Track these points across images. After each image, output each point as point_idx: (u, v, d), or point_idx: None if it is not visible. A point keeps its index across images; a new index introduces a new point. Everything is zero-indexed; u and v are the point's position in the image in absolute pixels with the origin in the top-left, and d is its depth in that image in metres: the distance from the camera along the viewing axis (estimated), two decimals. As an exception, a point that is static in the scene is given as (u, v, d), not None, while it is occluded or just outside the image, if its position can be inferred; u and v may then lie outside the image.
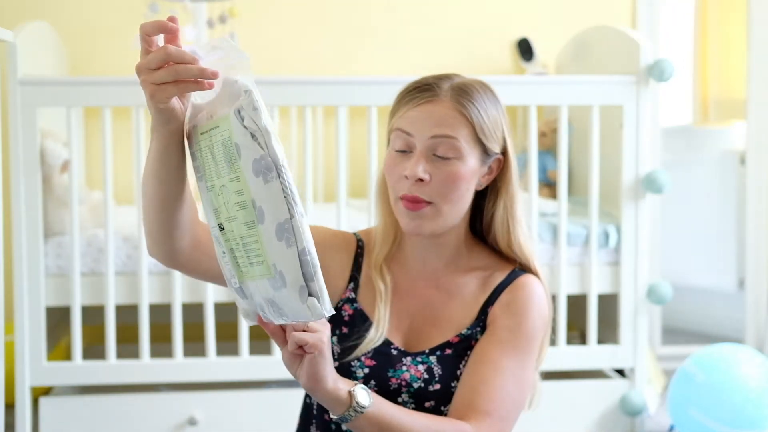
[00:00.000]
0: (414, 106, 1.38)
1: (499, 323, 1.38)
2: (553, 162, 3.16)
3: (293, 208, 1.04)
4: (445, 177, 1.35)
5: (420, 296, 1.44)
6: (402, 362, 1.38)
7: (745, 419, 2.42)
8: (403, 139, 1.37)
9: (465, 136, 1.36)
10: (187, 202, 1.22)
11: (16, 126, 2.45)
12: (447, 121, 1.35)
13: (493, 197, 1.45)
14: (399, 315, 1.43)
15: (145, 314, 2.58)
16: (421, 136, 1.36)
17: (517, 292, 1.40)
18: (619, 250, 2.71)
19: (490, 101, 1.40)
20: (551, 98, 2.67)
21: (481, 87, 1.41)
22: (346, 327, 1.42)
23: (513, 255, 1.45)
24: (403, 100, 1.40)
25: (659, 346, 3.60)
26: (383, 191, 1.46)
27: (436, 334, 1.41)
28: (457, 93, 1.37)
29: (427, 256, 1.44)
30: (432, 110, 1.36)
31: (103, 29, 3.35)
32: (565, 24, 3.45)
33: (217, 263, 1.24)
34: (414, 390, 1.36)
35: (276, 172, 1.04)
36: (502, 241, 1.45)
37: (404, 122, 1.38)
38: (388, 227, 1.46)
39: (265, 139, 1.04)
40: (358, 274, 1.46)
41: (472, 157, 1.37)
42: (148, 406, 2.60)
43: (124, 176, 3.27)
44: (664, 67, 2.60)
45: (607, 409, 2.71)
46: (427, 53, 3.47)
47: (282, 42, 3.44)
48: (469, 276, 1.44)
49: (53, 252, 2.56)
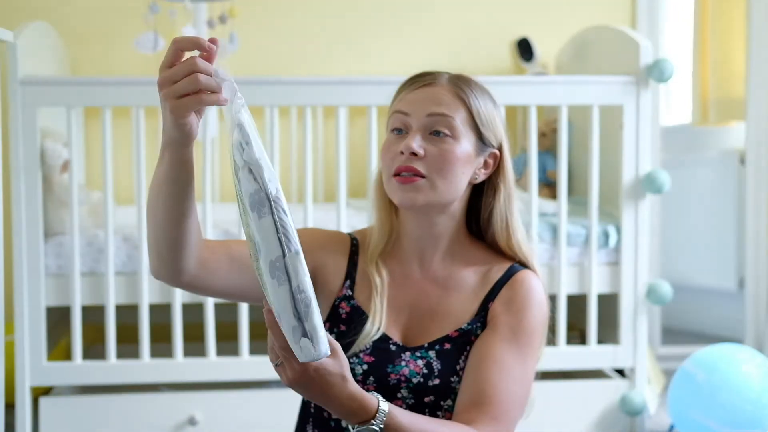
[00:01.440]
0: (412, 90, 1.41)
1: (500, 320, 1.38)
2: (552, 162, 3.16)
3: (285, 245, 1.04)
4: (439, 153, 1.37)
5: (418, 290, 1.44)
6: (401, 357, 1.38)
7: (745, 419, 2.42)
8: (400, 120, 1.40)
9: (461, 117, 1.39)
10: (195, 220, 1.23)
11: (16, 126, 2.45)
12: (444, 102, 1.38)
13: (491, 193, 1.45)
14: (397, 309, 1.43)
15: (145, 314, 2.58)
16: (418, 114, 1.38)
17: (517, 288, 1.41)
18: (618, 250, 2.71)
19: (487, 96, 1.44)
20: (551, 98, 2.67)
21: (478, 83, 1.45)
22: (344, 324, 1.43)
23: (512, 253, 1.46)
24: (401, 88, 1.44)
25: (659, 346, 3.61)
26: (379, 188, 1.47)
27: (434, 328, 1.41)
28: (455, 79, 1.42)
29: (424, 249, 1.45)
30: (430, 92, 1.40)
31: (104, 29, 3.35)
32: (565, 24, 3.45)
33: (222, 281, 1.31)
34: (413, 385, 1.36)
35: (269, 208, 1.04)
36: (501, 238, 1.45)
37: (402, 104, 1.41)
38: (384, 222, 1.47)
39: (259, 172, 1.04)
40: (354, 272, 1.46)
41: (467, 140, 1.39)
42: (148, 406, 2.60)
43: (124, 176, 3.27)
44: (664, 67, 2.61)
45: (607, 409, 2.71)
46: (427, 53, 3.47)
47: (282, 42, 3.44)
48: (467, 270, 1.44)
49: (53, 252, 2.56)
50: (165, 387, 2.84)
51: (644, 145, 2.67)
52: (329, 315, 1.45)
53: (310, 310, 1.05)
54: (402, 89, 1.44)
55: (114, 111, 3.06)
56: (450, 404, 1.37)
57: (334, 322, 1.43)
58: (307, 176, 2.59)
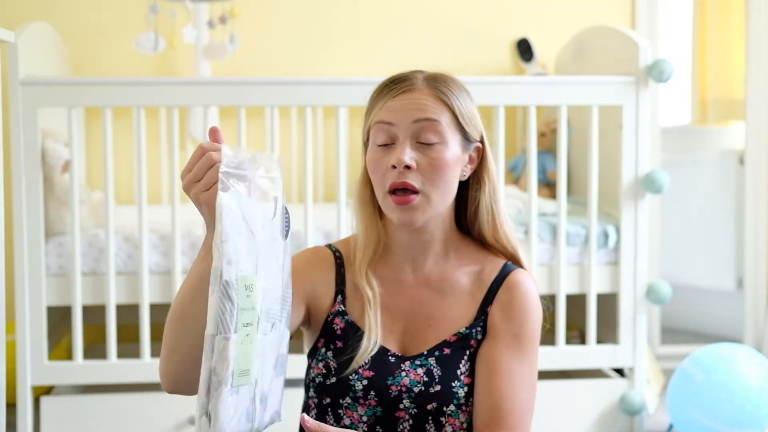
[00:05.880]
0: (392, 97, 1.37)
1: (501, 328, 1.38)
2: (552, 162, 3.17)
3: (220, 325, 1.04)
4: (431, 162, 1.34)
5: (412, 297, 1.42)
6: (400, 368, 1.36)
7: (744, 419, 2.43)
8: (385, 131, 1.36)
9: (446, 120, 1.36)
10: None
11: (17, 126, 2.46)
12: (428, 107, 1.35)
13: (476, 186, 1.43)
14: (392, 318, 1.41)
15: (146, 314, 2.58)
16: (404, 123, 1.35)
17: (514, 292, 1.40)
18: (618, 249, 2.72)
19: (464, 91, 1.41)
20: (551, 98, 2.68)
21: (452, 78, 1.42)
22: (340, 341, 1.40)
23: (499, 246, 1.44)
24: (379, 95, 1.39)
25: (658, 346, 3.61)
26: (363, 195, 1.44)
27: (432, 334, 1.39)
28: (433, 81, 1.38)
29: (415, 255, 1.43)
30: (412, 98, 1.36)
31: (105, 29, 3.35)
32: (565, 24, 3.45)
33: None
34: (415, 395, 1.35)
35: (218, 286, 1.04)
36: (487, 231, 1.44)
37: (384, 113, 1.36)
38: (369, 231, 1.43)
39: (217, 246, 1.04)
40: (344, 286, 1.43)
41: (455, 142, 1.37)
42: (149, 406, 2.61)
43: (125, 176, 3.28)
44: (664, 67, 2.61)
45: (606, 409, 2.72)
46: (428, 53, 3.48)
47: (282, 42, 3.45)
48: (460, 272, 1.43)
49: (54, 252, 2.57)
50: (165, 386, 2.84)
51: (644, 145, 2.68)
52: (323, 331, 1.42)
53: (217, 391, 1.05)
54: (379, 97, 1.39)
55: (115, 111, 3.07)
56: (453, 410, 1.35)
57: (329, 338, 1.41)
58: (307, 176, 2.59)
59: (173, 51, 3.31)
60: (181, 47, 3.28)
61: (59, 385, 2.74)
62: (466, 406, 1.35)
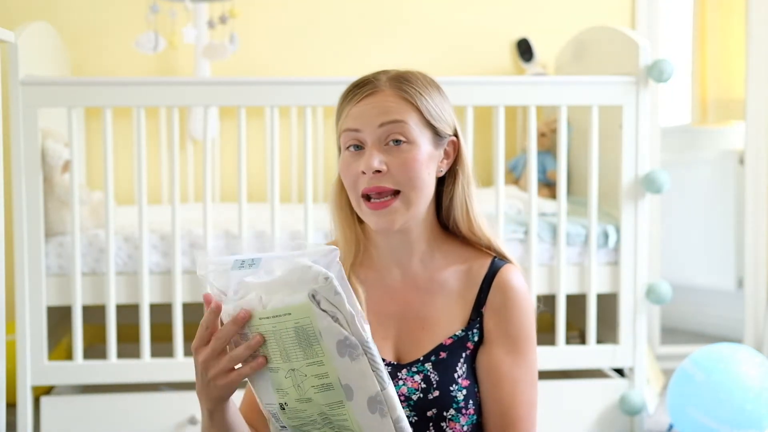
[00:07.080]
0: (356, 103, 1.36)
1: (498, 333, 1.37)
2: (552, 162, 3.17)
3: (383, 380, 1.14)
4: (401, 163, 1.33)
5: (401, 301, 1.41)
6: (397, 377, 1.35)
7: (744, 418, 2.43)
8: (352, 137, 1.35)
9: (413, 120, 1.34)
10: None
11: (17, 126, 2.46)
12: (392, 108, 1.34)
13: (451, 180, 1.42)
14: (384, 324, 1.39)
15: (146, 314, 2.58)
16: (369, 127, 1.34)
17: (506, 291, 1.38)
18: (618, 249, 2.72)
19: (431, 85, 1.39)
20: (551, 98, 2.68)
21: (419, 74, 1.40)
22: None
23: (476, 239, 1.42)
24: (344, 102, 1.39)
25: (658, 346, 3.61)
26: (339, 200, 1.43)
27: (426, 338, 1.38)
28: (397, 81, 1.37)
29: (400, 257, 1.41)
30: (375, 101, 1.35)
31: (104, 30, 3.35)
32: (565, 24, 3.45)
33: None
34: (414, 402, 1.34)
35: (362, 350, 1.12)
36: (462, 223, 1.42)
37: (350, 120, 1.36)
38: (348, 235, 1.42)
39: (348, 320, 1.12)
40: None
41: (425, 140, 1.35)
42: (149, 406, 2.61)
43: (125, 176, 3.28)
44: (664, 67, 2.61)
45: (606, 409, 2.72)
46: (427, 53, 3.48)
47: (282, 42, 3.45)
48: (447, 271, 1.41)
49: (54, 252, 2.57)
50: (165, 387, 2.84)
51: (644, 145, 2.68)
52: None
53: None
54: (344, 104, 1.38)
55: (114, 111, 3.07)
56: (453, 414, 1.34)
57: None
58: (307, 176, 2.59)
59: (173, 51, 3.31)
60: (181, 47, 3.28)
61: (59, 385, 2.74)
62: (465, 408, 1.35)
